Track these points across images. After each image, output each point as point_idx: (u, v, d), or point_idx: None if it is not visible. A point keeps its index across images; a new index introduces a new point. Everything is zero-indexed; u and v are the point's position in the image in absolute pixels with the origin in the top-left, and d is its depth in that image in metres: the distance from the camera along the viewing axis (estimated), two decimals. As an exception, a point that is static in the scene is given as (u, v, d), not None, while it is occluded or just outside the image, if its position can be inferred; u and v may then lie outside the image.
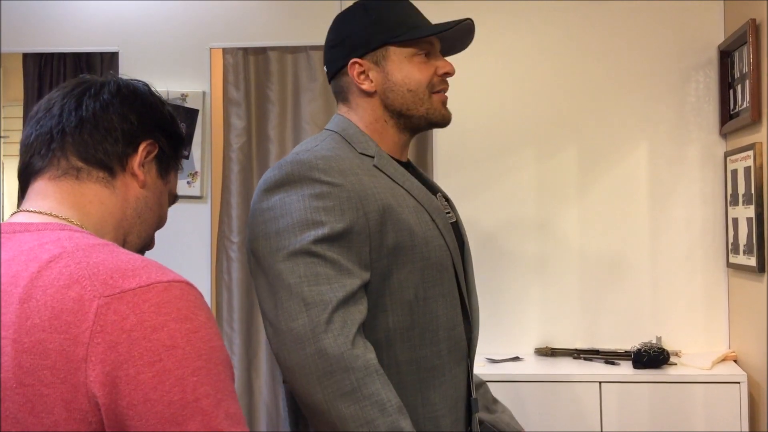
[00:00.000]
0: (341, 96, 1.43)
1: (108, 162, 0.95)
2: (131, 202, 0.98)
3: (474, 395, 1.42)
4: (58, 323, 0.76)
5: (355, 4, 1.43)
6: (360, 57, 1.38)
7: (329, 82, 1.45)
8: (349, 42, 1.39)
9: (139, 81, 1.04)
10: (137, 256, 0.85)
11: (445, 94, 1.43)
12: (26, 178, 0.97)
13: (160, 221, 1.05)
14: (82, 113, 0.95)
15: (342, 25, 1.41)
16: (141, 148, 0.98)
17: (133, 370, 0.75)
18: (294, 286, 1.18)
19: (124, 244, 0.99)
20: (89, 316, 0.76)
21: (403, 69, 1.38)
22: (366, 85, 1.38)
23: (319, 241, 1.20)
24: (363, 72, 1.38)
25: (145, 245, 1.04)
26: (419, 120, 1.40)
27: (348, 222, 1.23)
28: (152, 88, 1.04)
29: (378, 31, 1.37)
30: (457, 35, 1.44)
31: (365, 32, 1.38)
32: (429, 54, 1.40)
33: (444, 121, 1.42)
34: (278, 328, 1.18)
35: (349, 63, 1.38)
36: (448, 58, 1.51)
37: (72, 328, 0.76)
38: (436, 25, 1.40)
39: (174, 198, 1.09)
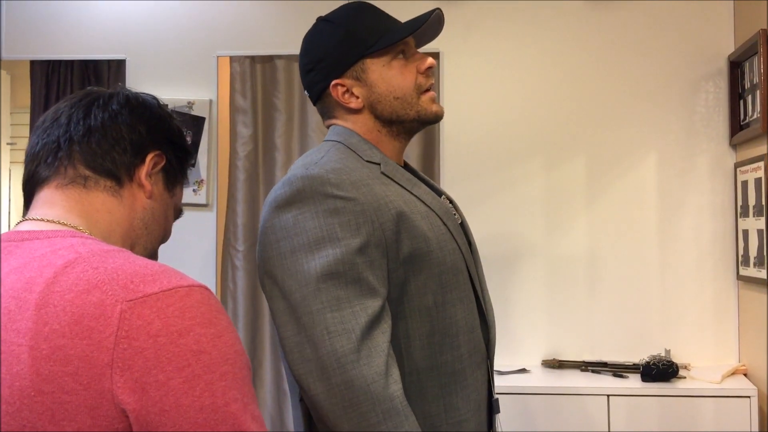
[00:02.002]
0: (329, 115, 1.41)
1: (116, 171, 0.95)
2: (138, 212, 0.98)
3: (495, 396, 1.40)
4: (79, 329, 0.75)
5: (318, 21, 1.40)
6: (339, 77, 1.35)
7: (314, 104, 1.43)
8: (324, 64, 1.36)
9: (148, 94, 1.04)
10: (152, 261, 0.84)
11: (432, 90, 1.40)
12: (32, 187, 0.96)
13: (165, 234, 1.05)
14: (90, 122, 0.95)
15: (312, 46, 1.38)
16: (148, 158, 0.98)
17: (163, 376, 0.75)
18: (316, 313, 1.16)
19: None
20: (113, 321, 0.75)
21: (385, 78, 1.35)
22: (353, 103, 1.36)
23: (338, 260, 1.18)
24: (347, 91, 1.36)
25: (149, 257, 1.02)
26: (411, 123, 1.38)
27: (365, 236, 1.21)
28: (160, 102, 1.05)
29: (350, 46, 1.34)
30: (429, 26, 1.41)
31: (338, 50, 1.35)
32: (405, 53, 1.37)
33: (436, 118, 1.40)
34: (303, 357, 1.17)
35: (331, 85, 1.36)
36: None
37: (95, 333, 0.75)
38: (406, 24, 1.37)
39: (179, 212, 1.09)
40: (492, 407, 1.39)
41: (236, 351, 0.80)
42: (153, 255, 1.04)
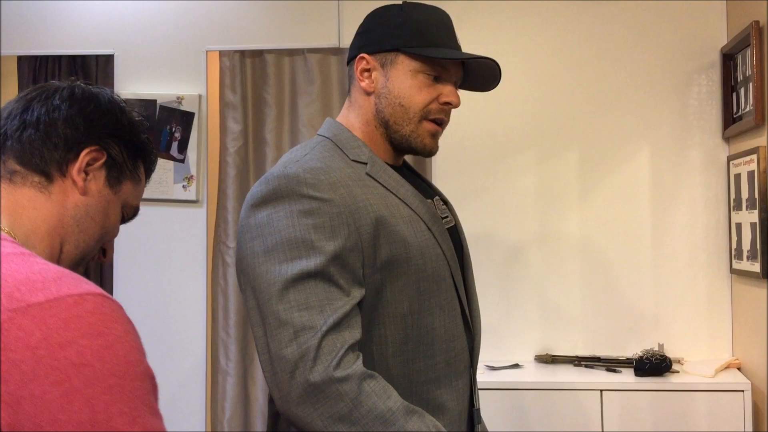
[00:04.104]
0: (348, 86, 1.42)
1: (45, 167, 0.93)
2: (69, 209, 0.95)
3: (477, 406, 1.38)
4: None
5: (397, 4, 1.40)
6: (370, 53, 1.35)
7: (347, 65, 1.44)
8: (367, 35, 1.37)
9: (102, 88, 1.02)
10: (53, 267, 0.80)
11: (440, 126, 1.37)
12: None
13: (106, 232, 1.01)
14: (26, 117, 0.95)
15: (372, 17, 1.40)
16: (83, 154, 0.95)
17: (39, 390, 0.71)
18: (283, 312, 1.14)
19: (60, 253, 0.96)
20: None
21: (404, 81, 1.34)
22: (365, 83, 1.36)
23: (309, 262, 1.16)
24: (367, 69, 1.36)
25: (84, 256, 0.99)
26: (401, 139, 1.36)
27: (339, 239, 1.19)
28: (114, 96, 1.02)
29: (396, 34, 1.34)
30: (479, 71, 1.39)
31: (385, 31, 1.35)
32: (439, 78, 1.35)
33: (425, 150, 1.38)
34: (269, 357, 1.15)
35: (358, 56, 1.36)
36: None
37: None
38: (454, 51, 1.35)
39: (133, 210, 1.05)
40: (473, 417, 1.37)
41: (128, 362, 0.76)
42: (88, 254, 1.00)
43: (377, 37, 1.35)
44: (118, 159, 0.99)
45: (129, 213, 1.05)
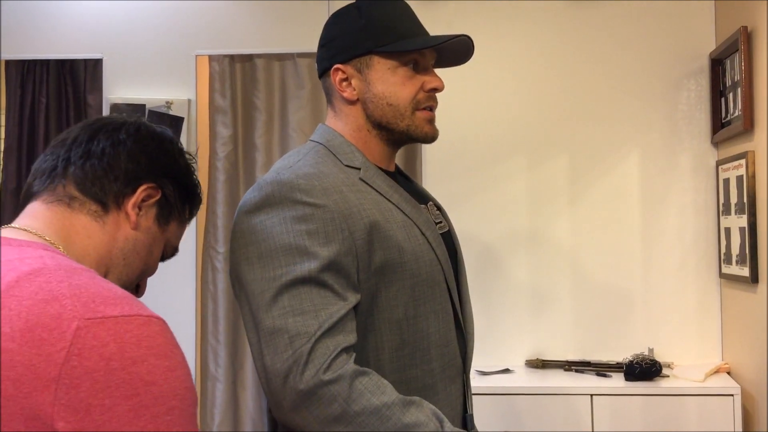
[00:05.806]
0: (328, 98, 1.40)
1: (102, 197, 0.97)
2: (120, 241, 0.99)
3: (470, 411, 1.38)
4: (30, 337, 0.75)
5: (351, 4, 1.38)
6: (343, 62, 1.34)
7: (319, 78, 1.42)
8: (335, 44, 1.35)
9: (164, 128, 1.07)
10: (117, 286, 0.84)
11: (432, 111, 1.37)
12: (25, 199, 1.01)
13: (147, 269, 1.05)
14: (91, 147, 0.99)
15: (333, 24, 1.38)
16: (140, 189, 0.99)
17: (109, 401, 0.74)
18: (278, 318, 1.14)
19: None
20: (67, 336, 0.75)
21: (386, 81, 1.33)
22: (347, 93, 1.34)
23: (303, 268, 1.16)
24: (345, 79, 1.34)
25: (124, 288, 1.02)
26: (400, 134, 1.36)
27: (334, 245, 1.18)
28: (175, 138, 1.07)
29: (364, 37, 1.33)
30: (453, 49, 1.38)
31: (352, 37, 1.34)
32: (417, 66, 1.35)
33: (427, 138, 1.37)
34: (263, 364, 1.15)
35: (332, 69, 1.35)
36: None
37: (46, 345, 0.75)
38: (426, 38, 1.35)
39: (174, 250, 1.10)
40: (467, 423, 1.37)
41: (187, 387, 0.80)
42: (127, 287, 1.03)
43: (345, 44, 1.34)
44: (170, 198, 1.04)
45: (169, 252, 1.09)
